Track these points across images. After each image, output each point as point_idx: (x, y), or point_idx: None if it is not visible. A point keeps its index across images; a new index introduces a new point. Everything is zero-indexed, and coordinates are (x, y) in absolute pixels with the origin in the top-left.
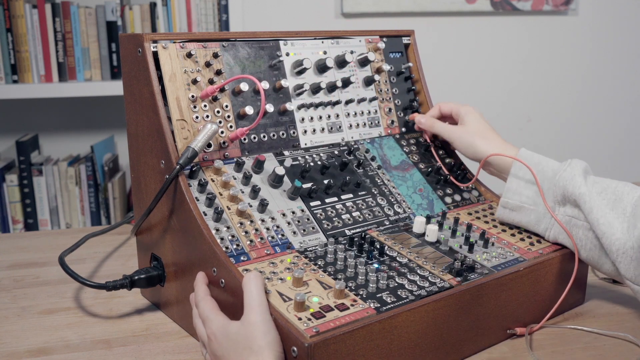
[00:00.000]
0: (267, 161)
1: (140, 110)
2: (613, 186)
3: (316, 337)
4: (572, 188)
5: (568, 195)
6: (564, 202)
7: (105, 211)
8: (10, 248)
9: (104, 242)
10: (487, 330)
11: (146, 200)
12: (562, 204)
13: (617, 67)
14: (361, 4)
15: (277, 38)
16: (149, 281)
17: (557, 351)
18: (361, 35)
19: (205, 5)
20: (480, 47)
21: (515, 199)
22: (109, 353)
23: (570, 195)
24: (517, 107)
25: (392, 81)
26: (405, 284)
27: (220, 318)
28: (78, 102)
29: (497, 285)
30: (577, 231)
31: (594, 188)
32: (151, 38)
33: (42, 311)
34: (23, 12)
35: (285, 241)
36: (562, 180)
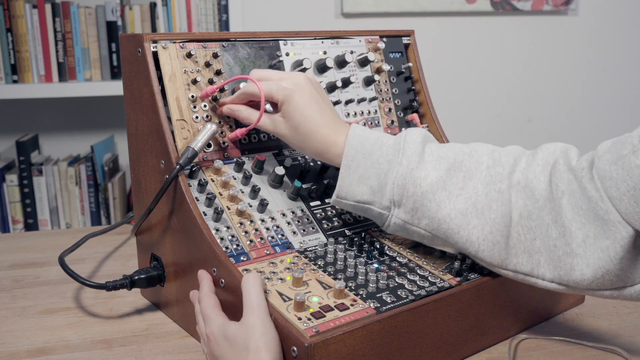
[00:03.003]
0: (267, 161)
1: (140, 110)
2: (459, 161)
3: (316, 337)
4: (412, 188)
5: (408, 196)
6: (399, 204)
7: (105, 211)
8: (10, 248)
9: (104, 242)
10: (487, 330)
11: (146, 200)
12: (397, 205)
13: (617, 67)
14: (361, 4)
15: (277, 38)
16: (149, 281)
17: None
18: (361, 35)
19: (205, 5)
20: (480, 47)
21: (349, 197)
22: (109, 353)
23: (411, 196)
24: (517, 107)
25: (392, 81)
26: (405, 284)
27: (220, 318)
28: (78, 102)
29: (497, 285)
30: (412, 234)
31: (437, 173)
32: (151, 38)
33: (42, 311)
34: (23, 12)
35: (285, 241)
36: (400, 179)
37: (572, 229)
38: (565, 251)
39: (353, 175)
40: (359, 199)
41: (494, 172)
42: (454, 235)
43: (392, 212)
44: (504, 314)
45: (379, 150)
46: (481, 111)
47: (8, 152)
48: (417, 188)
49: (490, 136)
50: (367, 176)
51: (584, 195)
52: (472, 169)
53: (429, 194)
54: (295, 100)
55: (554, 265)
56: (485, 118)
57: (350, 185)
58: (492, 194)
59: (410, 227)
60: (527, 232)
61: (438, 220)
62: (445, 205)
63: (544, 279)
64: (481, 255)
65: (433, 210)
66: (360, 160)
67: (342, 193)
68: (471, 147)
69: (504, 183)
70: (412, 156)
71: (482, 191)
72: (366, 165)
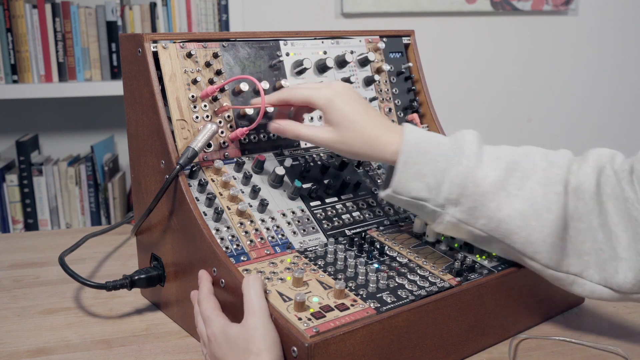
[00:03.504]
0: (267, 161)
1: (140, 110)
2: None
3: (316, 337)
4: (472, 187)
5: (467, 195)
6: (457, 202)
7: (105, 211)
8: (10, 248)
9: (104, 242)
10: (487, 330)
11: (146, 200)
12: (454, 204)
13: (617, 67)
14: (361, 4)
15: (277, 38)
16: (149, 281)
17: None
18: (361, 35)
19: (205, 5)
20: (480, 47)
21: (405, 193)
22: (109, 353)
23: (470, 196)
24: (517, 107)
25: (392, 81)
26: (405, 284)
27: (220, 319)
28: (78, 102)
29: (497, 285)
30: (464, 234)
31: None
32: (151, 38)
33: (42, 311)
34: (23, 12)
35: (285, 241)
36: (460, 177)
37: (617, 233)
38: (610, 255)
39: (410, 171)
40: (414, 195)
41: (551, 173)
42: (513, 235)
43: (446, 210)
44: (504, 314)
45: (436, 148)
46: (481, 111)
47: (8, 152)
48: (477, 188)
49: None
50: (423, 173)
51: (623, 197)
52: (528, 170)
53: (490, 193)
54: (338, 104)
55: (600, 267)
56: (485, 118)
57: (407, 181)
58: (551, 196)
59: (465, 227)
60: (578, 234)
61: (497, 220)
62: (505, 205)
63: (592, 281)
64: (538, 257)
65: (493, 210)
66: (417, 157)
67: (399, 189)
68: (524, 149)
69: (561, 185)
70: (471, 155)
71: (540, 192)
72: (423, 162)
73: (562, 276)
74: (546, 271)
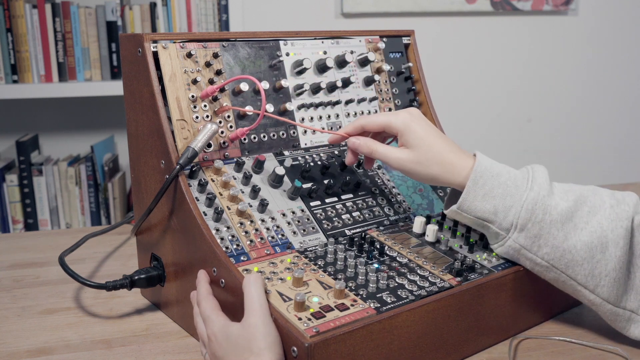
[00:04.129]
0: (267, 161)
1: (140, 110)
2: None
3: (316, 337)
4: (541, 214)
5: (535, 222)
6: (523, 228)
7: (105, 211)
8: (10, 248)
9: (104, 242)
10: (487, 330)
11: (146, 200)
12: (520, 230)
13: (617, 67)
14: (361, 4)
15: (277, 38)
16: (149, 281)
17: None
18: (361, 35)
19: (205, 5)
20: (480, 47)
21: (471, 212)
22: (109, 353)
23: (538, 223)
24: (517, 107)
25: (392, 81)
26: (405, 284)
27: (221, 319)
28: (78, 102)
29: (497, 285)
30: (524, 261)
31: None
32: (151, 38)
33: (42, 311)
34: (23, 12)
35: (285, 241)
36: (531, 203)
37: None
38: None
39: (479, 191)
40: (480, 215)
41: (620, 210)
42: (577, 267)
43: (510, 235)
44: (504, 314)
45: (507, 174)
46: (481, 111)
47: (8, 152)
48: (547, 215)
49: (490, 136)
50: (492, 195)
51: None
52: (597, 205)
53: (558, 223)
54: (416, 127)
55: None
56: (485, 118)
57: (474, 200)
58: (619, 231)
59: (527, 254)
60: (636, 270)
61: (562, 250)
62: (572, 236)
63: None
64: (599, 291)
65: (559, 240)
66: (487, 178)
67: (465, 206)
68: (592, 187)
69: (629, 221)
70: (544, 184)
71: (608, 227)
72: (493, 184)
73: (619, 312)
74: (605, 306)
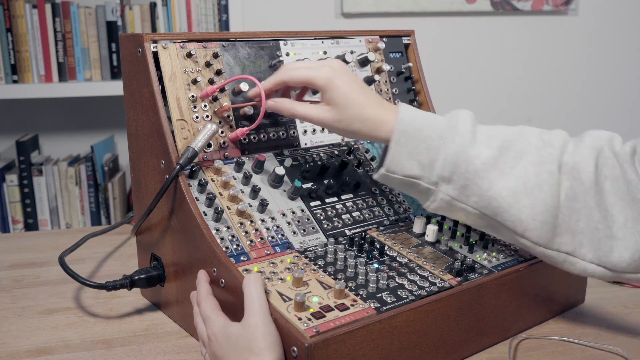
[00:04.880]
0: (267, 161)
1: (140, 110)
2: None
3: (316, 337)
4: (465, 165)
5: (460, 173)
6: (450, 180)
7: (105, 211)
8: (10, 248)
9: (104, 242)
10: (487, 330)
11: (146, 200)
12: (447, 182)
13: (617, 67)
14: (361, 4)
15: (277, 38)
16: (149, 281)
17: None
18: (361, 35)
19: (205, 5)
20: (480, 47)
21: (398, 171)
22: (109, 353)
23: (463, 174)
24: (517, 107)
25: (392, 81)
26: (405, 284)
27: (221, 319)
28: (78, 102)
29: (497, 285)
30: (457, 212)
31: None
32: (151, 38)
33: (42, 311)
34: (23, 12)
35: (285, 241)
36: (452, 155)
37: (613, 213)
38: (606, 234)
39: (403, 149)
40: (407, 174)
41: (545, 152)
42: (504, 213)
43: (439, 188)
44: (504, 314)
45: (430, 126)
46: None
47: (8, 152)
48: (470, 165)
49: None
50: (417, 151)
51: (625, 179)
52: (522, 149)
53: (482, 171)
54: (338, 84)
55: (595, 246)
56: (485, 118)
57: (400, 159)
58: (543, 175)
59: (457, 204)
60: (571, 213)
61: (488, 198)
62: (497, 183)
63: (584, 259)
64: (528, 235)
65: (484, 188)
66: (411, 135)
67: (392, 167)
68: (519, 129)
69: (554, 164)
70: (465, 134)
71: (533, 171)
72: (417, 140)
73: (553, 254)
74: (537, 249)
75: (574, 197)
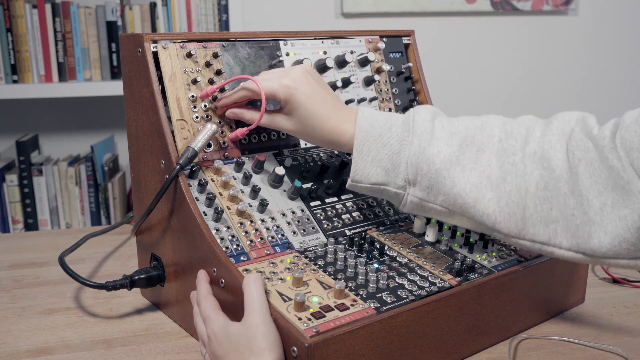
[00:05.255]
0: (267, 161)
1: (140, 110)
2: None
3: (316, 337)
4: (426, 166)
5: (422, 175)
6: (414, 182)
7: (105, 211)
8: (10, 248)
9: (104, 242)
10: (487, 330)
11: (146, 200)
12: (413, 184)
13: (616, 67)
14: (361, 4)
15: (277, 38)
16: (149, 281)
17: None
18: (361, 35)
19: (205, 5)
20: (480, 47)
21: (364, 180)
22: (109, 353)
23: (425, 175)
24: (517, 107)
25: (392, 81)
26: (405, 284)
27: (221, 318)
28: (78, 102)
29: (497, 285)
30: (429, 212)
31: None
32: (151, 38)
33: (42, 311)
34: (23, 12)
35: (285, 241)
36: (413, 158)
37: (589, 197)
38: (583, 220)
39: (366, 158)
40: (374, 181)
41: (507, 144)
42: (470, 209)
43: (407, 191)
44: (503, 314)
45: (389, 131)
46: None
47: (8, 152)
48: (431, 166)
49: None
50: (379, 158)
51: (604, 164)
52: (485, 142)
53: (443, 170)
54: (298, 97)
55: (572, 233)
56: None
57: (364, 168)
58: (506, 167)
59: (427, 205)
60: (543, 203)
61: (454, 195)
62: (460, 180)
63: (560, 248)
64: (498, 227)
65: (448, 187)
66: (371, 143)
67: (357, 177)
68: (482, 120)
69: (517, 155)
70: (423, 134)
71: (496, 164)
72: (377, 147)
73: (527, 244)
74: (510, 240)
75: (545, 187)
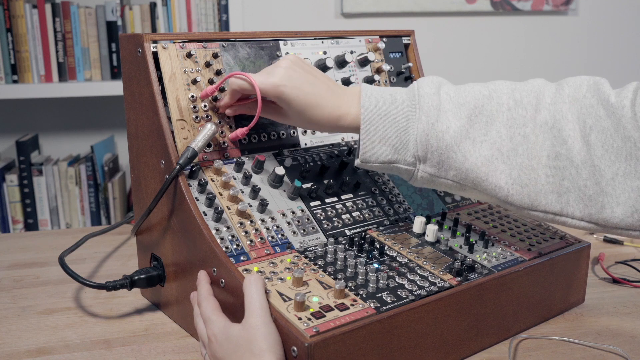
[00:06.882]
0: (267, 161)
1: (140, 110)
2: (479, 106)
3: (316, 337)
4: (435, 143)
5: (432, 151)
6: (424, 159)
7: (105, 211)
8: (10, 248)
9: (104, 242)
10: (487, 330)
11: (146, 200)
12: (423, 161)
13: (616, 67)
14: (361, 4)
15: (277, 38)
16: (149, 281)
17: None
18: (361, 35)
19: (205, 5)
20: (480, 47)
21: (374, 160)
22: (109, 353)
23: (435, 151)
24: None
25: (392, 81)
26: (405, 283)
27: (221, 319)
28: (78, 102)
29: (497, 285)
30: (440, 186)
31: (458, 122)
32: (151, 38)
33: (42, 311)
34: (23, 12)
35: (285, 241)
36: (422, 135)
37: (601, 167)
38: (595, 190)
39: (373, 137)
40: (383, 160)
41: (517, 114)
42: (482, 182)
43: (417, 167)
44: (503, 314)
45: (395, 108)
46: None
47: (8, 152)
48: (441, 142)
49: None
50: (387, 136)
51: (618, 134)
52: (494, 112)
53: (454, 145)
54: (287, 94)
55: (585, 204)
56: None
57: (373, 148)
58: (517, 138)
59: (438, 180)
60: (555, 173)
61: (465, 170)
62: (471, 154)
63: (573, 218)
64: (511, 200)
65: (459, 162)
66: (378, 121)
67: (367, 157)
68: (490, 89)
69: (528, 126)
70: (430, 109)
71: (506, 135)
72: (385, 125)
73: (539, 215)
74: (522, 212)
75: (556, 157)
